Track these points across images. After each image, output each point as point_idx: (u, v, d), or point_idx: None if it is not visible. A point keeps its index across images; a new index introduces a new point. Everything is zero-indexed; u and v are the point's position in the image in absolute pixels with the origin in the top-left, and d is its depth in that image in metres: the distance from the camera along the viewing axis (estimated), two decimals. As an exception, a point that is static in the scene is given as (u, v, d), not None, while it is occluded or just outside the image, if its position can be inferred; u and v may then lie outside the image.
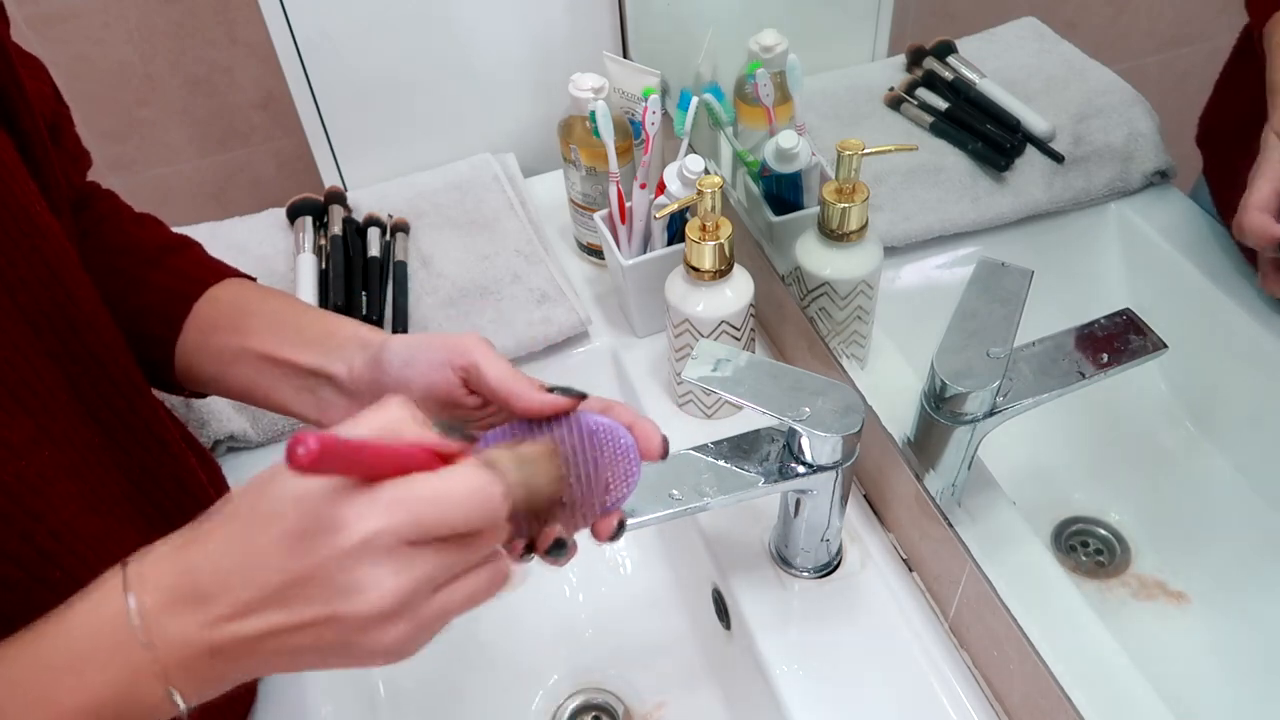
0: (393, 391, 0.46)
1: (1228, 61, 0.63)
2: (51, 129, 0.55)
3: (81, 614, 0.37)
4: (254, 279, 0.59)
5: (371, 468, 0.36)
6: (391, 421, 0.38)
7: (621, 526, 0.46)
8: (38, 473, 0.41)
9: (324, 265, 0.90)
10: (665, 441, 0.46)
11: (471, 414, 0.49)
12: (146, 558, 0.37)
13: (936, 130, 0.75)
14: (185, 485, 0.54)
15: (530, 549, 0.44)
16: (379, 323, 0.86)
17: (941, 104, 0.76)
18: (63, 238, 0.46)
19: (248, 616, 0.36)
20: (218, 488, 0.65)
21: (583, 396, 0.45)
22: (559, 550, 0.44)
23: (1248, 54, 0.59)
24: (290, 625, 0.36)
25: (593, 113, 0.78)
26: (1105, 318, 0.56)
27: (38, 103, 0.48)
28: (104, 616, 0.36)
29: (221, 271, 0.58)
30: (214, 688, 0.38)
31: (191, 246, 0.60)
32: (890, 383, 0.67)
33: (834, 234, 0.67)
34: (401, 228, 0.93)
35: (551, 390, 0.45)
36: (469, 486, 0.37)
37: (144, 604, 0.36)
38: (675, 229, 0.80)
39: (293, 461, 0.32)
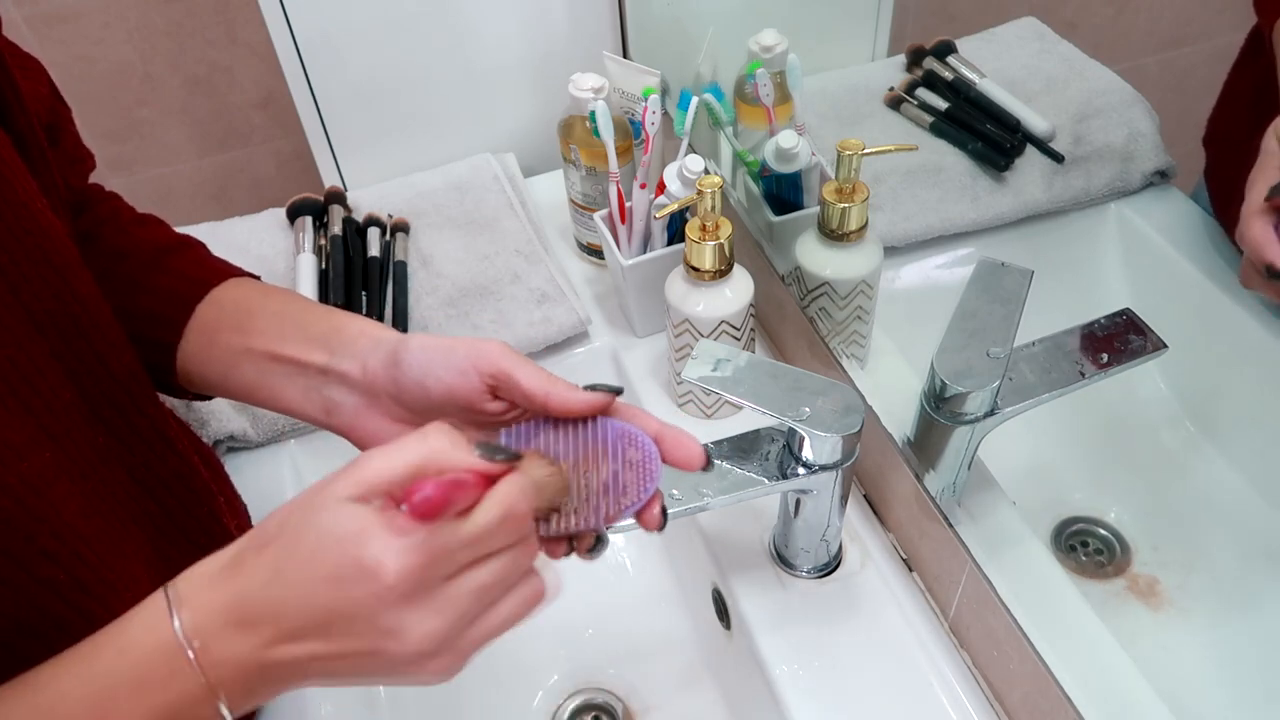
0: (410, 392, 0.48)
1: (1234, 63, 0.63)
2: (48, 129, 0.54)
3: (138, 635, 0.38)
4: (257, 277, 0.59)
5: (470, 501, 0.39)
6: (434, 451, 0.39)
7: (664, 513, 0.47)
8: (39, 473, 0.41)
9: (324, 265, 0.90)
10: (706, 451, 0.47)
11: (491, 419, 0.49)
12: (190, 580, 0.39)
13: (936, 130, 0.75)
14: (190, 485, 0.54)
15: (570, 548, 0.46)
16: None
17: (941, 104, 0.76)
18: (65, 236, 0.46)
19: (296, 641, 0.38)
20: (220, 487, 0.65)
21: (619, 391, 0.46)
22: (599, 548, 0.46)
23: (1253, 56, 0.59)
24: (335, 653, 0.38)
25: (593, 113, 0.78)
26: (1105, 318, 0.56)
27: (33, 103, 0.48)
28: (161, 638, 0.38)
29: (223, 272, 0.57)
30: (260, 700, 0.40)
31: (193, 247, 0.59)
32: (890, 383, 0.67)
33: (834, 234, 0.67)
34: (401, 228, 0.93)
35: (588, 389, 0.46)
36: (496, 513, 0.39)
37: (194, 626, 0.38)
38: (675, 229, 0.80)
39: (416, 515, 0.36)
